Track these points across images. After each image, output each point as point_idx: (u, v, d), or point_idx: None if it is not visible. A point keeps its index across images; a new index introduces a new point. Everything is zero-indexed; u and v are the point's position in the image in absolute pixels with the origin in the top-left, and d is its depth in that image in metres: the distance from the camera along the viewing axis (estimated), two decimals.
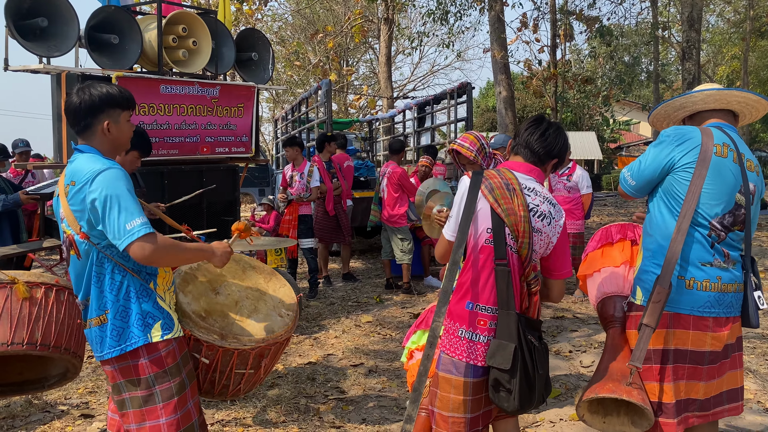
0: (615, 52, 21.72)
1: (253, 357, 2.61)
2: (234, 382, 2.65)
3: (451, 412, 2.38)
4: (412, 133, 10.32)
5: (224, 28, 5.83)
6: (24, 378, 3.13)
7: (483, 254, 2.35)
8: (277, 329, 2.65)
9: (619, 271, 2.91)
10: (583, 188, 6.88)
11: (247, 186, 16.14)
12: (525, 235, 2.32)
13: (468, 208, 2.34)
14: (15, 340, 2.65)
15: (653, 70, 26.22)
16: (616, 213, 14.29)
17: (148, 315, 2.29)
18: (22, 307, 2.71)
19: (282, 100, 24.24)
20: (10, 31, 4.43)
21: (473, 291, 2.36)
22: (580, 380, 4.51)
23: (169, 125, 5.24)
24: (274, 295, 2.82)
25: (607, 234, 3.11)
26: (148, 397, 2.29)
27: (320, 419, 3.88)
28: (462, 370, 2.36)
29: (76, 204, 2.21)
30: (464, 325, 2.37)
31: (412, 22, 26.15)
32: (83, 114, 2.28)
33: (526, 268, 2.36)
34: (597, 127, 32.48)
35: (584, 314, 6.30)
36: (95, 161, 2.22)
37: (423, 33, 15.41)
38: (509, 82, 11.45)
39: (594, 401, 2.58)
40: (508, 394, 2.28)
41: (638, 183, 2.58)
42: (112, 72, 4.76)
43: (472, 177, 2.38)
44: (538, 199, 2.38)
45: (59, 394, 4.29)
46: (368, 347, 5.35)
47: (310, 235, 7.19)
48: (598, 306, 2.93)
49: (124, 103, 2.36)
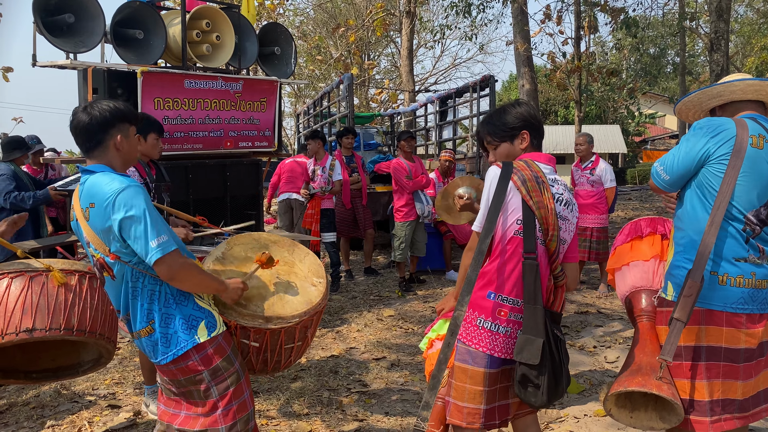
0: (641, 44, 21.38)
1: (299, 330, 2.68)
2: (285, 356, 2.74)
3: (467, 403, 2.38)
4: (433, 126, 10.28)
5: (247, 22, 5.86)
6: (57, 364, 3.20)
7: (511, 245, 2.33)
8: (314, 299, 2.71)
9: (648, 265, 2.87)
10: (606, 182, 6.80)
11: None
12: (554, 229, 2.32)
13: (497, 198, 2.32)
14: (52, 325, 2.72)
15: (680, 61, 25.74)
16: (641, 207, 14.10)
17: (190, 317, 2.36)
18: (58, 293, 2.78)
19: (304, 95, 24.32)
20: (38, 27, 4.50)
21: (496, 281, 2.35)
22: (604, 376, 4.46)
23: (193, 120, 5.28)
24: (302, 266, 2.87)
25: (636, 228, 3.06)
26: (206, 391, 2.38)
27: (343, 412, 3.89)
28: (479, 360, 2.36)
29: (100, 226, 2.24)
30: (483, 315, 2.36)
31: (434, 15, 26.02)
32: (95, 130, 2.31)
33: (553, 262, 2.35)
34: (621, 120, 32.05)
35: (608, 309, 6.23)
36: (112, 180, 2.24)
37: (445, 26, 15.30)
38: (532, 75, 11.34)
39: (621, 396, 2.55)
40: (536, 390, 2.27)
41: (672, 177, 2.52)
42: (137, 67, 4.81)
43: (503, 167, 2.36)
44: (561, 188, 2.41)
45: (87, 385, 4.36)
46: (390, 341, 5.36)
47: (332, 229, 7.21)
48: (626, 300, 2.90)
49: (132, 118, 2.41)
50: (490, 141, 2.54)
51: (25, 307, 2.71)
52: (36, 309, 2.72)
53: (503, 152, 2.50)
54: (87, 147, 2.34)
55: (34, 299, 2.73)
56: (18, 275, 2.79)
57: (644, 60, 27.36)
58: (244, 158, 5.94)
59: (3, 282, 2.77)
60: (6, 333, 2.66)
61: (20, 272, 2.80)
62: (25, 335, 2.67)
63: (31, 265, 2.85)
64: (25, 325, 2.68)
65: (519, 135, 2.46)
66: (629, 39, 15.95)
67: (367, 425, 3.72)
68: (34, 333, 2.69)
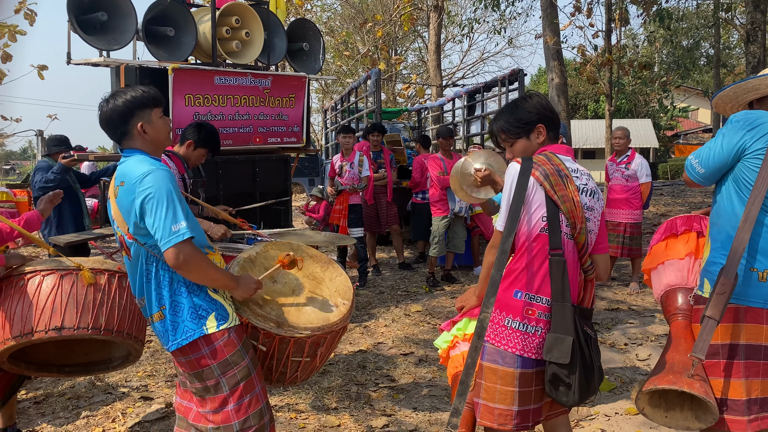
0: (674, 36, 20.93)
1: (309, 345, 2.63)
2: (291, 369, 2.69)
3: (498, 404, 2.33)
4: (461, 121, 10.21)
5: (276, 18, 5.89)
6: (90, 359, 3.27)
7: (538, 243, 2.29)
8: (332, 318, 2.66)
9: (683, 262, 2.82)
10: (642, 177, 6.68)
11: (297, 176, 16.31)
12: (582, 222, 2.27)
13: (518, 195, 2.27)
14: (81, 324, 2.76)
15: (714, 54, 25.16)
16: (673, 203, 13.84)
17: (200, 308, 2.33)
18: (87, 292, 2.82)
19: (331, 91, 24.38)
20: (73, 25, 4.58)
21: (523, 280, 2.30)
22: (636, 373, 4.39)
23: (223, 116, 5.33)
24: (330, 284, 2.83)
25: (671, 226, 3.02)
26: (215, 386, 2.36)
27: (371, 407, 3.90)
28: (509, 360, 2.31)
29: (125, 204, 2.27)
30: (511, 315, 2.31)
31: (461, 9, 25.86)
32: (117, 123, 2.35)
33: (583, 256, 2.31)
34: (653, 114, 31.47)
35: (640, 306, 6.14)
36: (143, 162, 2.28)
37: (474, 19, 15.18)
38: (562, 69, 11.19)
39: (656, 395, 2.50)
40: (568, 389, 2.22)
41: (707, 170, 2.46)
42: (168, 64, 4.87)
43: (522, 163, 2.31)
44: (584, 178, 2.37)
45: (120, 377, 4.44)
46: (418, 336, 5.35)
47: (359, 225, 7.23)
48: (661, 298, 2.85)
49: (151, 102, 2.39)
50: (505, 138, 2.46)
51: (55, 305, 2.75)
52: (65, 308, 2.76)
53: (520, 148, 2.43)
54: (116, 138, 2.41)
55: (63, 298, 2.77)
56: (49, 273, 2.84)
57: (677, 52, 26.79)
58: (272, 154, 5.98)
59: (35, 279, 2.82)
60: (36, 330, 2.72)
61: (52, 270, 2.85)
62: (54, 333, 2.72)
63: (62, 263, 2.90)
64: (54, 324, 2.73)
65: (535, 129, 2.40)
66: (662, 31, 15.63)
67: (396, 420, 3.72)
68: (62, 331, 2.73)
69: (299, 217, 10.01)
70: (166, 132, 2.46)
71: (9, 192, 11.28)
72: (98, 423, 3.75)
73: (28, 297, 2.79)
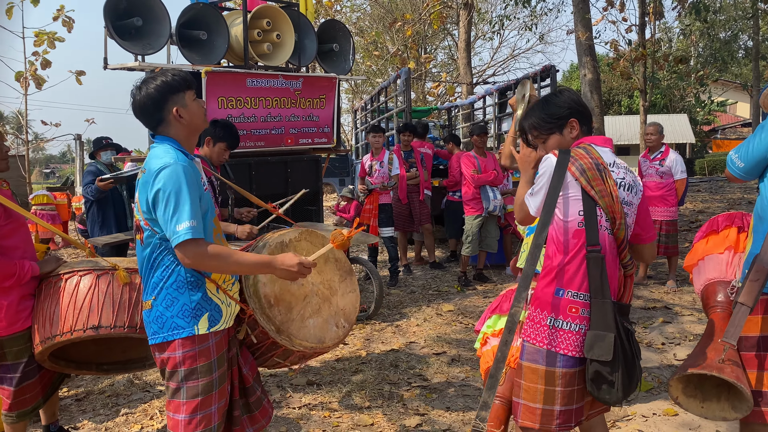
0: (710, 29, 20.42)
1: (296, 355, 2.70)
2: (269, 363, 2.76)
3: (540, 404, 2.29)
4: (492, 119, 10.14)
5: (306, 20, 5.92)
6: (127, 357, 3.35)
7: (575, 239, 2.26)
8: (327, 340, 2.69)
9: (722, 257, 2.78)
10: (677, 173, 6.55)
11: (327, 176, 16.43)
12: (621, 217, 2.24)
13: (554, 189, 2.24)
14: (117, 323, 2.83)
15: (753, 46, 24.47)
16: (711, 199, 13.51)
17: (196, 306, 2.29)
18: (123, 292, 2.89)
19: (361, 91, 24.43)
20: (109, 31, 4.67)
21: (563, 277, 2.27)
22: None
23: (256, 118, 5.39)
24: (341, 300, 2.82)
25: (713, 223, 2.99)
26: (176, 390, 2.33)
27: (404, 406, 3.91)
28: (551, 359, 2.27)
29: (143, 192, 2.27)
30: (552, 313, 2.28)
31: (492, 6, 25.64)
32: (151, 109, 2.31)
33: (622, 252, 2.27)
34: (689, 109, 30.76)
35: (677, 305, 6.01)
36: (166, 153, 2.26)
37: (504, 16, 15.05)
38: (595, 64, 11.01)
39: (691, 385, 2.48)
40: (611, 387, 2.18)
41: (747, 164, 2.42)
42: (201, 67, 4.94)
43: (559, 156, 2.28)
44: (621, 172, 2.32)
45: (157, 375, 4.53)
46: (450, 336, 5.33)
47: (390, 224, 7.24)
48: (701, 292, 2.82)
49: (184, 85, 2.35)
50: (537, 135, 2.43)
51: (92, 304, 2.83)
52: (102, 307, 2.83)
53: (553, 144, 2.39)
54: (151, 126, 2.37)
55: (100, 297, 2.84)
56: (86, 273, 2.91)
57: (714, 45, 26.13)
58: (304, 155, 6.02)
59: (73, 279, 2.91)
60: (74, 329, 2.80)
61: (89, 270, 2.92)
62: (91, 332, 2.80)
63: (98, 263, 2.97)
64: (92, 323, 2.80)
65: (567, 124, 2.37)
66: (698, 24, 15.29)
67: (429, 419, 3.72)
68: (99, 330, 2.81)
69: (330, 217, 10.05)
70: (201, 115, 2.42)
71: (49, 195, 11.61)
72: (137, 420, 3.83)
73: (66, 297, 2.87)
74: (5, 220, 2.88)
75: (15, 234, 2.95)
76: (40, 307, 2.92)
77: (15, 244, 2.94)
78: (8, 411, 3.00)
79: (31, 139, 13.75)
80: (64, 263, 3.07)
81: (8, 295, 2.89)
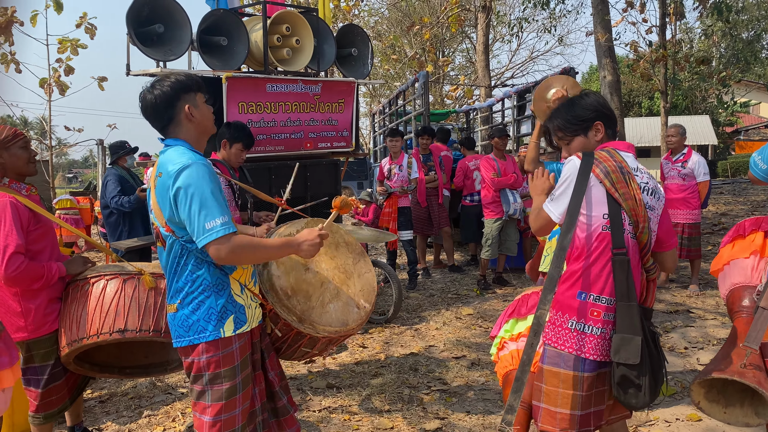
0: (733, 29, 20.16)
1: (322, 343, 2.71)
2: (298, 354, 2.78)
3: (560, 408, 2.28)
4: (511, 121, 10.10)
5: (325, 25, 5.96)
6: (150, 361, 3.39)
7: (598, 242, 2.24)
8: (351, 322, 2.70)
9: (747, 261, 2.75)
10: (699, 175, 6.46)
11: (346, 179, 16.46)
12: (644, 221, 2.22)
13: (578, 191, 2.22)
14: (142, 327, 2.87)
15: None
16: (734, 201, 13.31)
17: (222, 309, 2.29)
18: (149, 296, 2.93)
19: (379, 94, 24.47)
20: (131, 38, 4.74)
21: (586, 280, 2.25)
22: None
23: (275, 122, 5.43)
24: (358, 281, 2.85)
25: (740, 227, 2.95)
26: (201, 393, 2.35)
27: (424, 409, 3.90)
28: (571, 363, 2.26)
29: (162, 195, 2.23)
30: (574, 317, 2.27)
31: (510, 9, 25.55)
32: (163, 107, 2.30)
33: (645, 255, 2.26)
34: (711, 110, 30.37)
35: (700, 309, 5.93)
36: (182, 154, 2.24)
37: (523, 19, 15.00)
38: (614, 66, 10.92)
39: (713, 390, 2.45)
40: (638, 391, 2.17)
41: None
42: (221, 73, 4.99)
43: (583, 158, 2.27)
44: (645, 177, 2.31)
45: (179, 378, 4.57)
46: (470, 340, 5.32)
47: (409, 227, 7.25)
48: (726, 297, 2.78)
49: (196, 85, 2.36)
50: (562, 136, 2.43)
51: (118, 308, 2.88)
52: (128, 311, 2.87)
53: (577, 146, 2.39)
54: (161, 126, 2.35)
55: (126, 301, 2.89)
56: (113, 277, 2.96)
57: (737, 46, 25.79)
58: (323, 158, 6.06)
59: (100, 283, 2.96)
60: (101, 333, 2.85)
61: (115, 275, 2.97)
62: (117, 335, 2.84)
63: (125, 268, 3.02)
64: (118, 326, 2.85)
65: (593, 126, 2.36)
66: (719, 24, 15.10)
67: (449, 423, 3.71)
68: (125, 334, 2.85)
69: (349, 220, 10.09)
70: (210, 118, 2.42)
71: (73, 199, 11.78)
72: (159, 422, 3.87)
73: (92, 300, 2.92)
74: (34, 225, 2.94)
75: (43, 238, 3.01)
76: (67, 310, 2.97)
77: (43, 248, 3.00)
78: (35, 412, 3.06)
79: (55, 145, 13.97)
80: (91, 265, 3.13)
81: (36, 298, 2.95)
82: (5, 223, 2.81)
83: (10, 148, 2.96)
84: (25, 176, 3.07)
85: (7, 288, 2.92)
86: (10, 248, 2.78)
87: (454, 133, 12.36)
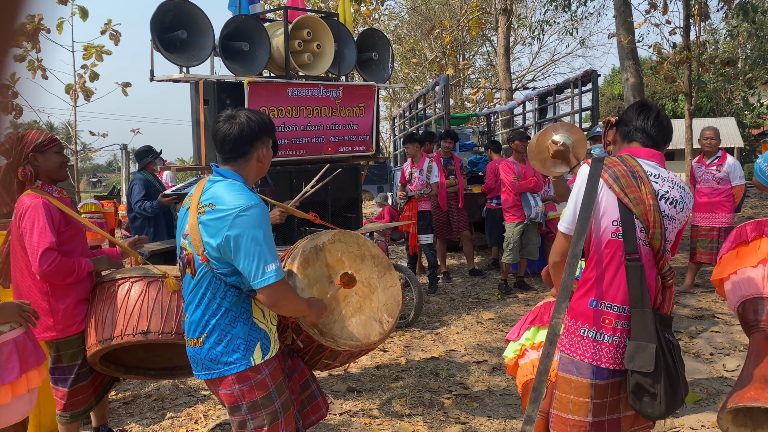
0: (759, 30, 19.81)
1: (343, 356, 2.73)
2: (319, 366, 2.82)
3: (571, 415, 2.27)
4: (532, 125, 10.06)
5: (346, 30, 5.99)
6: (174, 364, 3.42)
7: (609, 249, 2.22)
8: (372, 336, 2.70)
9: (756, 270, 2.66)
10: (735, 179, 6.32)
11: (366, 183, 16.49)
12: (656, 226, 2.18)
13: (588, 199, 2.21)
14: (165, 329, 2.91)
15: None
16: (762, 205, 13.07)
17: (249, 338, 2.28)
18: (172, 299, 2.98)
19: (399, 98, 24.50)
20: (155, 44, 4.81)
21: (599, 288, 2.23)
22: (723, 384, 4.18)
23: (296, 127, 5.46)
24: (382, 295, 2.83)
25: (741, 233, 2.85)
26: (241, 423, 2.33)
27: (445, 414, 3.89)
28: (584, 370, 2.25)
29: (211, 229, 2.18)
30: (587, 324, 2.25)
31: (531, 11, 25.44)
32: (244, 142, 2.26)
33: (659, 261, 2.22)
34: (737, 112, 29.89)
35: (726, 314, 5.83)
36: (241, 192, 2.19)
37: (544, 21, 14.93)
38: (637, 68, 10.81)
39: (740, 413, 2.39)
40: (653, 399, 2.14)
41: None
42: (243, 78, 5.05)
43: (592, 165, 2.25)
44: (666, 185, 2.25)
45: (201, 381, 4.61)
46: (491, 344, 5.29)
47: (429, 231, 7.23)
48: (738, 310, 2.71)
49: (272, 130, 2.37)
50: None
51: (142, 310, 2.93)
52: (151, 313, 2.92)
53: None
54: (230, 156, 2.29)
55: (150, 304, 2.94)
56: (138, 280, 3.02)
57: (764, 47, 25.33)
58: (343, 162, 6.08)
59: (125, 286, 3.02)
60: (125, 334, 2.90)
61: (140, 278, 3.03)
62: (140, 337, 2.89)
63: (149, 271, 3.07)
64: (141, 328, 2.90)
65: None
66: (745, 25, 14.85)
67: (470, 428, 3.70)
68: (148, 335, 2.90)
69: (366, 219, 10.11)
70: (269, 165, 2.41)
71: (97, 203, 11.96)
72: (182, 424, 3.91)
73: (118, 302, 2.98)
74: (65, 226, 3.03)
75: (74, 239, 3.10)
76: (94, 311, 3.03)
77: (73, 249, 3.08)
78: (62, 411, 3.12)
79: (80, 149, 14.20)
80: (116, 264, 3.19)
81: (65, 298, 3.02)
82: (39, 222, 2.89)
83: (46, 152, 3.04)
84: (57, 181, 3.15)
85: (37, 288, 3.00)
86: (44, 245, 2.87)
87: (475, 136, 12.34)
